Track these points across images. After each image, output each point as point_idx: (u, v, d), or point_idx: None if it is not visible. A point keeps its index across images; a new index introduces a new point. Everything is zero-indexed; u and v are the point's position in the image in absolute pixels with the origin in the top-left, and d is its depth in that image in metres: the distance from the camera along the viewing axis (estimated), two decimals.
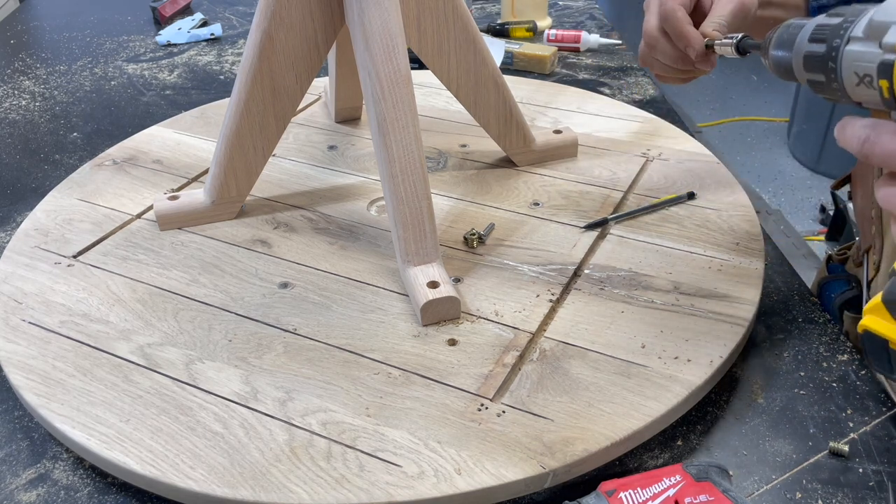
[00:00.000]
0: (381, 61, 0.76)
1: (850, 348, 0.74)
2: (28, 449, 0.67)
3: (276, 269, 0.82)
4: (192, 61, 1.44)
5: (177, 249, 0.86)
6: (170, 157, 1.04)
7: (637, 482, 0.58)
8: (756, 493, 0.61)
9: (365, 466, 0.60)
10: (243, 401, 0.66)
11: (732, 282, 0.77)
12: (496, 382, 0.67)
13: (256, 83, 0.82)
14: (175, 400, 0.67)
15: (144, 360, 0.71)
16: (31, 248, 0.87)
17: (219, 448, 0.62)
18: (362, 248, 0.85)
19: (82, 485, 0.64)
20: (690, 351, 0.70)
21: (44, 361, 0.71)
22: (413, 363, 0.70)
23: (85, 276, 0.82)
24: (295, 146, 1.06)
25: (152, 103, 1.28)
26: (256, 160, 0.88)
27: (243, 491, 0.59)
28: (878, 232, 0.72)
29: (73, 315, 0.77)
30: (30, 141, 1.17)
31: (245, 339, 0.73)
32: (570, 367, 0.69)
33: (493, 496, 0.59)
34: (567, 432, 0.62)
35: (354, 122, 1.12)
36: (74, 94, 1.31)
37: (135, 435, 0.63)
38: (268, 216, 0.91)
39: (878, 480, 0.62)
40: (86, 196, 0.96)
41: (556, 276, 0.80)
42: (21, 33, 1.60)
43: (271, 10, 0.79)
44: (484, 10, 1.70)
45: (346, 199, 0.94)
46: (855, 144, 0.44)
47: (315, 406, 0.66)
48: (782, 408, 0.68)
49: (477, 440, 0.62)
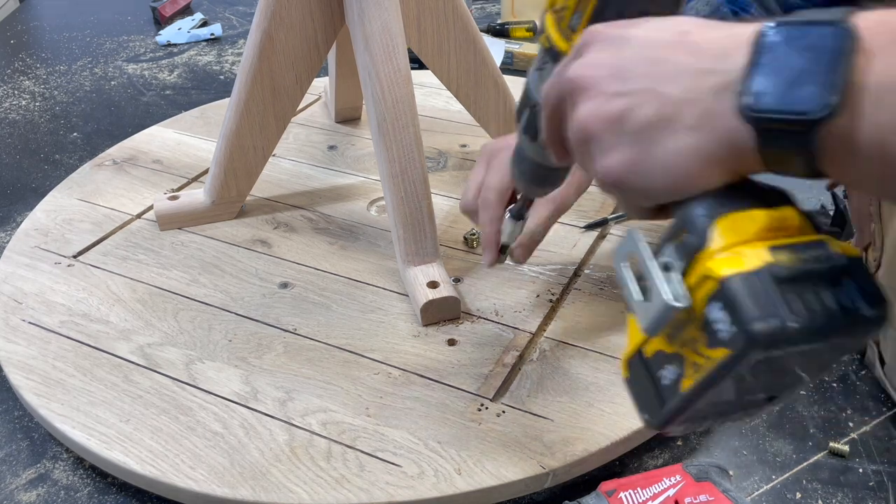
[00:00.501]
0: (381, 61, 0.76)
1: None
2: (28, 449, 0.67)
3: (276, 269, 0.82)
4: (192, 61, 1.44)
5: (177, 249, 0.86)
6: (170, 157, 1.04)
7: (637, 482, 0.58)
8: (756, 493, 0.61)
9: (365, 466, 0.60)
10: (243, 401, 0.66)
11: None
12: (496, 382, 0.67)
13: (256, 83, 0.82)
14: (175, 400, 0.67)
15: (144, 360, 0.71)
16: (31, 248, 0.87)
17: (219, 448, 0.62)
18: (362, 248, 0.85)
19: (82, 485, 0.64)
20: None
21: (44, 361, 0.71)
22: (413, 363, 0.70)
23: (85, 276, 0.82)
24: (295, 146, 1.06)
25: (152, 103, 1.28)
26: (256, 160, 0.88)
27: (243, 491, 0.59)
28: (878, 229, 0.72)
29: (73, 315, 0.77)
30: (30, 141, 1.17)
31: (245, 339, 0.73)
32: (570, 367, 0.68)
33: (493, 496, 0.59)
34: (567, 432, 0.62)
35: (354, 122, 1.12)
36: (74, 94, 1.31)
37: (135, 435, 0.63)
38: (268, 216, 0.91)
39: (878, 480, 0.62)
40: (86, 196, 0.96)
41: (556, 276, 0.80)
42: (21, 33, 1.60)
43: (271, 10, 0.79)
44: (484, 10, 1.70)
45: (346, 199, 0.94)
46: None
47: (315, 406, 0.66)
48: (782, 408, 0.68)
49: (477, 440, 0.62)
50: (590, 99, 0.38)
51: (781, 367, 0.36)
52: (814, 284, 0.33)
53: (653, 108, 0.36)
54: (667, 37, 0.37)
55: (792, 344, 0.33)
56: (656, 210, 0.39)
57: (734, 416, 0.40)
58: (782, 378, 0.37)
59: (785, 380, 0.38)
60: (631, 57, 0.37)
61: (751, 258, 0.33)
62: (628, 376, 0.41)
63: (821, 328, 0.33)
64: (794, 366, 0.36)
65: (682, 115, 0.35)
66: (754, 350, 0.33)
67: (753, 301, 0.32)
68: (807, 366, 0.37)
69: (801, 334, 0.32)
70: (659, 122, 0.36)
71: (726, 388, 0.35)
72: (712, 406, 0.37)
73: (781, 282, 0.33)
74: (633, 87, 0.37)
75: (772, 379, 0.37)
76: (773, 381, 0.37)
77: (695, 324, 0.35)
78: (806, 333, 0.32)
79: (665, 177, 0.36)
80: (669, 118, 0.35)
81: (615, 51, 0.38)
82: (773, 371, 0.36)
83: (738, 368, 0.34)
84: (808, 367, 0.37)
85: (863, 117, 0.30)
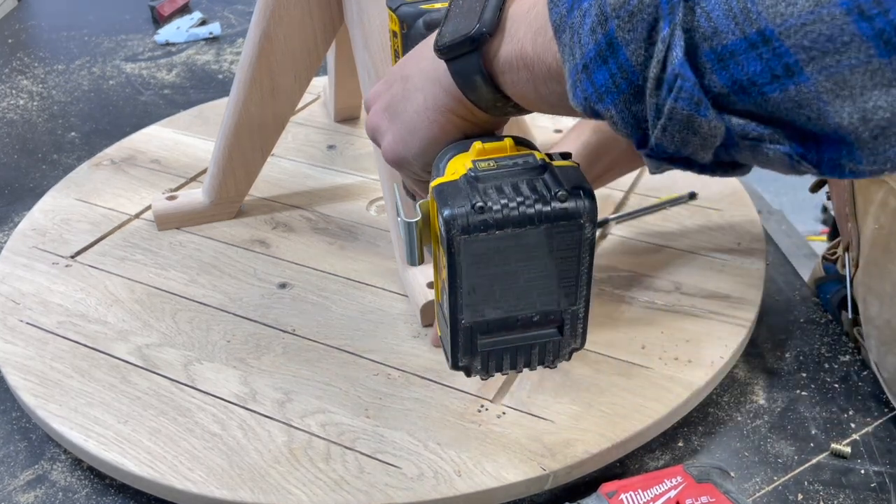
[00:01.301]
0: (380, 61, 0.75)
1: (851, 349, 0.74)
2: (26, 450, 0.67)
3: (275, 270, 0.82)
4: (191, 60, 1.44)
5: (175, 249, 0.85)
6: (168, 157, 1.04)
7: (638, 483, 0.57)
8: (757, 495, 0.61)
9: (364, 468, 0.60)
10: (242, 402, 0.66)
11: (734, 282, 0.77)
12: (496, 383, 0.67)
13: (255, 82, 0.82)
14: (173, 401, 0.66)
15: (142, 361, 0.70)
16: (28, 249, 0.86)
17: (217, 449, 0.62)
18: (361, 248, 0.85)
19: (80, 486, 0.64)
20: (691, 352, 0.69)
21: (41, 362, 0.71)
22: (412, 364, 0.69)
23: (83, 276, 0.82)
24: (294, 146, 1.06)
25: (150, 103, 1.28)
26: (255, 160, 0.88)
27: (242, 493, 0.58)
28: (854, 228, 0.73)
29: (70, 315, 0.76)
30: (27, 141, 1.17)
31: (244, 340, 0.73)
32: (570, 367, 0.68)
33: (493, 498, 0.59)
34: (567, 433, 0.62)
35: (354, 122, 1.11)
36: (72, 94, 1.31)
37: (133, 436, 0.63)
38: (266, 216, 0.91)
39: (880, 482, 0.62)
40: (84, 196, 0.96)
41: None
42: (19, 32, 1.60)
43: (270, 8, 0.79)
44: None
45: (346, 199, 0.94)
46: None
47: (314, 407, 0.65)
48: (784, 409, 0.68)
49: (477, 441, 0.62)
50: (370, 108, 0.50)
51: (507, 269, 0.41)
52: (511, 181, 0.40)
53: (399, 88, 0.47)
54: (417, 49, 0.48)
55: (488, 226, 0.39)
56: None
57: (539, 356, 0.45)
58: (525, 290, 0.42)
59: (531, 291, 0.42)
60: (391, 73, 0.49)
61: (457, 170, 0.41)
62: (440, 334, 0.47)
63: (511, 210, 0.39)
64: (517, 265, 0.41)
65: (414, 82, 0.45)
66: (453, 233, 0.39)
67: (451, 198, 0.40)
68: (537, 271, 0.42)
69: (491, 215, 0.39)
70: (403, 96, 0.46)
71: (475, 302, 0.41)
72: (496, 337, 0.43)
73: (478, 180, 0.40)
74: (391, 80, 0.48)
75: (509, 286, 0.42)
76: (514, 290, 0.42)
77: (438, 240, 0.42)
78: (497, 215, 0.39)
79: (417, 138, 0.46)
80: (408, 90, 0.46)
81: (384, 83, 0.50)
82: (499, 274, 0.41)
83: (458, 262, 0.40)
84: (542, 275, 0.42)
85: (508, 35, 0.39)
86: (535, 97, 0.40)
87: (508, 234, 0.40)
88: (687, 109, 0.30)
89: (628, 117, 0.33)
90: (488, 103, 0.42)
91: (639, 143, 0.34)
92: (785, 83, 0.28)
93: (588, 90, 0.33)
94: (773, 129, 0.30)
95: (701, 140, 0.31)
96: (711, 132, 0.31)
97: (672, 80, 0.30)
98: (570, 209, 0.40)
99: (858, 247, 0.72)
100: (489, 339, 0.44)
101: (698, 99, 0.30)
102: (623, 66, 0.32)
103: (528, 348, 0.45)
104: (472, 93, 0.42)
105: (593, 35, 0.32)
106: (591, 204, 0.40)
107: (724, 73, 0.29)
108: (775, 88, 0.29)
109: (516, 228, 0.39)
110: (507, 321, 0.44)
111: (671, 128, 0.31)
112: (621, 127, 0.33)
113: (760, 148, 0.31)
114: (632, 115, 0.33)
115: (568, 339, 0.46)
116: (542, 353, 0.46)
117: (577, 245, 0.41)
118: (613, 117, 0.33)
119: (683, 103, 0.30)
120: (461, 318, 0.43)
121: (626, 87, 0.32)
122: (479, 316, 0.43)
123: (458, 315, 0.42)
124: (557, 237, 0.40)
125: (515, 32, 0.39)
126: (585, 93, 0.33)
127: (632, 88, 0.32)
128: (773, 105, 0.29)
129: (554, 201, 0.39)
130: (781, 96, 0.29)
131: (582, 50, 0.33)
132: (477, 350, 0.44)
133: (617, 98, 0.32)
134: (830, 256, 0.87)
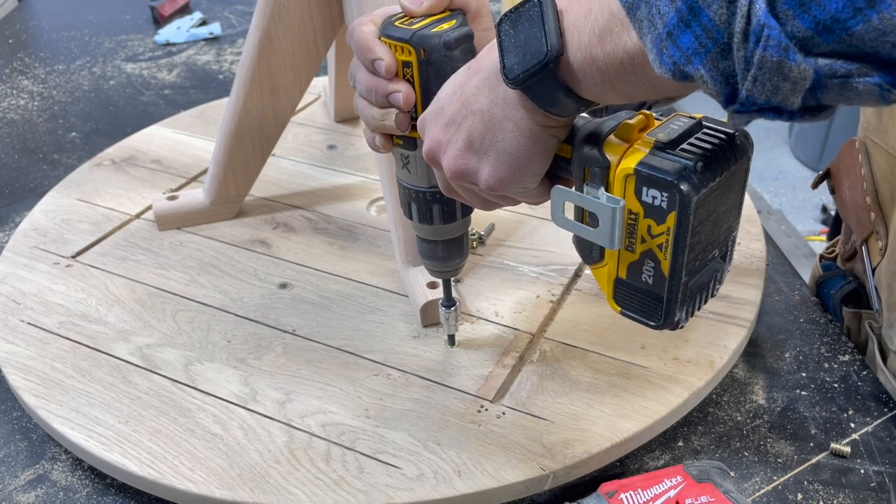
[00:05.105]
0: None
1: (851, 349, 0.74)
2: (27, 450, 0.67)
3: (276, 270, 0.82)
4: (191, 60, 1.44)
5: (176, 250, 0.86)
6: (168, 157, 1.04)
7: (638, 483, 0.58)
8: (757, 494, 0.61)
9: (364, 468, 0.60)
10: (242, 402, 0.66)
11: (733, 282, 0.77)
12: (496, 384, 0.67)
13: (255, 82, 0.82)
14: (174, 401, 0.66)
15: (143, 361, 0.71)
16: (29, 249, 0.86)
17: (218, 450, 0.62)
18: (362, 249, 0.85)
19: (81, 486, 0.64)
20: (691, 352, 0.69)
21: (42, 362, 0.71)
22: (413, 364, 0.70)
23: (83, 276, 0.82)
24: (294, 146, 1.06)
25: (151, 103, 1.28)
26: (255, 160, 0.88)
27: (242, 493, 0.58)
28: (879, 217, 0.73)
29: (71, 315, 0.76)
30: (28, 141, 1.17)
31: (244, 340, 0.73)
32: (570, 368, 0.68)
33: (493, 498, 0.59)
34: (567, 434, 0.62)
35: (354, 122, 1.11)
36: (73, 94, 1.31)
37: (133, 436, 0.63)
38: (267, 216, 0.91)
39: (880, 481, 0.62)
40: (84, 196, 0.96)
41: (556, 276, 0.79)
42: (19, 32, 1.60)
43: (270, 9, 0.79)
44: None
45: (346, 199, 0.94)
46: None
47: (314, 407, 0.65)
48: (784, 408, 0.68)
49: (477, 442, 0.62)
50: (443, 152, 0.49)
51: (714, 212, 0.45)
52: (692, 140, 0.44)
53: (476, 122, 0.47)
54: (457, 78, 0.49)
55: (711, 178, 0.42)
56: (544, 184, 0.50)
57: (712, 288, 0.49)
58: (719, 227, 0.46)
59: (721, 228, 0.46)
60: (444, 106, 0.49)
61: (642, 147, 0.44)
62: (621, 309, 0.49)
63: (712, 157, 0.42)
64: (720, 206, 0.45)
65: (494, 113, 0.46)
66: (690, 195, 0.41)
67: (665, 166, 0.42)
68: (728, 206, 0.46)
69: (706, 166, 0.42)
70: (487, 128, 0.47)
71: (693, 253, 0.44)
72: (695, 280, 0.46)
73: (668, 147, 0.43)
74: (458, 119, 0.48)
75: (713, 229, 0.45)
76: (715, 231, 0.46)
77: (640, 217, 0.44)
78: (713, 165, 0.42)
79: (522, 159, 0.47)
80: (490, 121, 0.46)
81: (435, 114, 0.50)
82: (710, 219, 0.44)
83: (691, 221, 0.42)
84: (729, 209, 0.46)
85: (573, 45, 0.41)
86: (612, 92, 0.42)
87: (722, 180, 0.43)
88: (777, 56, 0.32)
89: (717, 75, 0.35)
90: (571, 110, 0.44)
91: (728, 99, 0.35)
92: (867, 14, 0.30)
93: (675, 55, 0.35)
94: (859, 64, 0.32)
95: (791, 85, 0.33)
96: (801, 75, 0.32)
97: (759, 30, 0.32)
98: (747, 144, 0.45)
99: (887, 235, 0.72)
100: (693, 287, 0.47)
101: (786, 45, 0.32)
102: (707, 26, 0.34)
103: (708, 283, 0.48)
104: (555, 108, 0.44)
105: (673, 3, 0.34)
106: (751, 138, 0.45)
107: (806, 17, 0.31)
108: (858, 21, 0.30)
109: (726, 171, 0.43)
110: (703, 265, 0.47)
111: (761, 77, 0.33)
112: (712, 85, 0.35)
113: (849, 83, 0.32)
114: (720, 73, 0.35)
115: (726, 265, 0.49)
116: (713, 285, 0.49)
117: (747, 174, 0.46)
118: (703, 76, 0.35)
119: (772, 51, 0.32)
120: (685, 278, 0.45)
121: (713, 45, 0.34)
122: (693, 270, 0.46)
123: (682, 276, 0.45)
124: (741, 171, 0.45)
125: (579, 40, 0.40)
126: (673, 58, 0.35)
127: (718, 46, 0.34)
128: (857, 39, 0.31)
129: (737, 140, 0.44)
130: (865, 27, 0.30)
131: (663, 20, 0.35)
132: (685, 300, 0.47)
133: (704, 58, 0.34)
134: (828, 255, 0.87)
